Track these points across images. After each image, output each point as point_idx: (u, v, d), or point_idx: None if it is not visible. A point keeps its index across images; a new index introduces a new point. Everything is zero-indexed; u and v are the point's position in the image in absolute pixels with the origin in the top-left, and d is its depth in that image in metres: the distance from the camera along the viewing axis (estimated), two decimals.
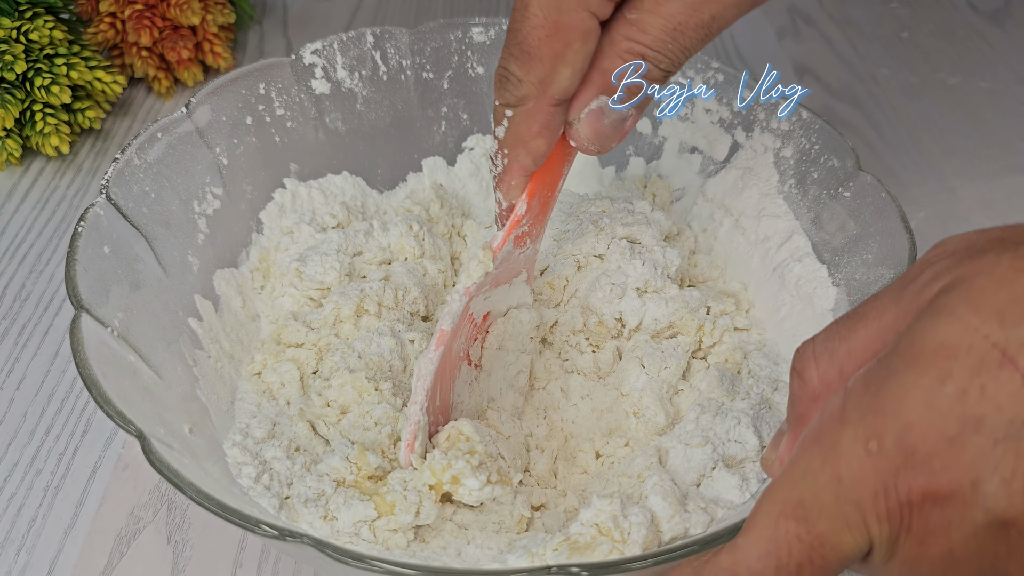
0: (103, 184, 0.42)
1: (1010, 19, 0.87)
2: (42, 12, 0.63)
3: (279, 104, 0.52)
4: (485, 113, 0.57)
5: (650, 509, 0.35)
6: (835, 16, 0.87)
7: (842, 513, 0.26)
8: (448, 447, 0.39)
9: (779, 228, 0.48)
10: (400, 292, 0.48)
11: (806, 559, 0.26)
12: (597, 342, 0.47)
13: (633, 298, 0.46)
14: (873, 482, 0.25)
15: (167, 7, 0.70)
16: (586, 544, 0.34)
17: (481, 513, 0.39)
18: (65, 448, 0.48)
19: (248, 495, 0.37)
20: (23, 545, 0.43)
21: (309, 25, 0.83)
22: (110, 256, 0.41)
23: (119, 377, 0.36)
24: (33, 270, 0.58)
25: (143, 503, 0.45)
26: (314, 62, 0.53)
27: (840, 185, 0.45)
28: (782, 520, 0.26)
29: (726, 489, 0.37)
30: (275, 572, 0.43)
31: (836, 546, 0.26)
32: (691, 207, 0.53)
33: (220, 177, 0.49)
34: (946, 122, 0.73)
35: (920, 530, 0.25)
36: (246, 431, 0.41)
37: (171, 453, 0.33)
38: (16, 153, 0.62)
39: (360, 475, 0.39)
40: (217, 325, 0.46)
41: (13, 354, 0.52)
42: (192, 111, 0.48)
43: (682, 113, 0.54)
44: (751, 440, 0.38)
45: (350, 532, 0.37)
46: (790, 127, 0.49)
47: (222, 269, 0.48)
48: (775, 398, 0.41)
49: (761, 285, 0.49)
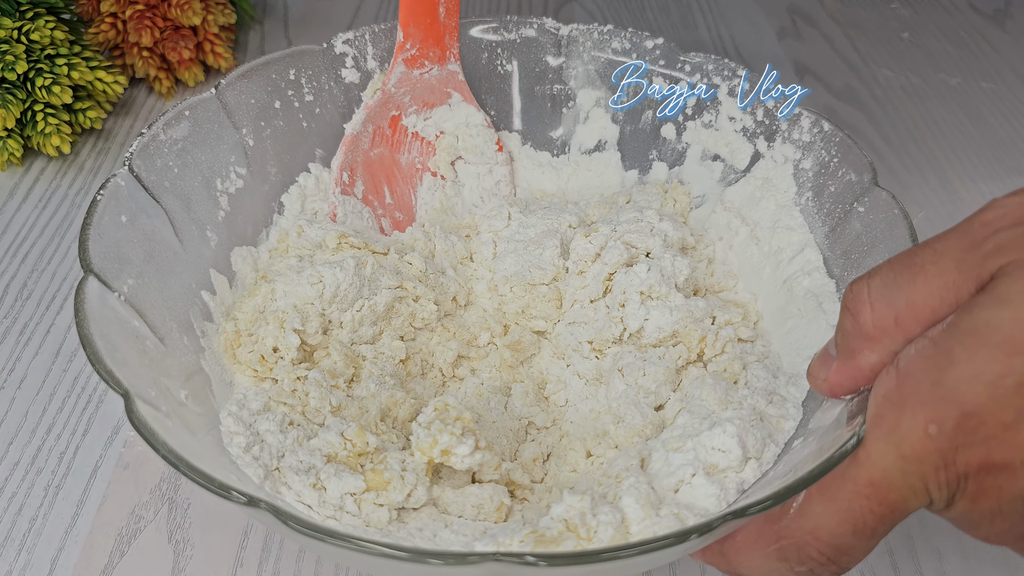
0: (127, 157, 0.44)
1: (1010, 19, 0.86)
2: (43, 12, 0.63)
3: (308, 90, 0.53)
4: (510, 109, 0.58)
5: (621, 510, 0.35)
6: (836, 16, 0.87)
7: (908, 484, 0.29)
8: (434, 418, 0.40)
9: (792, 241, 0.48)
10: None
11: (878, 523, 0.30)
12: (600, 347, 0.47)
13: (636, 303, 0.46)
14: (935, 459, 0.29)
15: (168, 7, 0.70)
16: (552, 539, 0.34)
17: (462, 496, 0.40)
18: (66, 447, 0.48)
19: (236, 464, 0.38)
20: (24, 544, 0.44)
21: (310, 25, 0.83)
22: (126, 225, 0.42)
23: (118, 339, 0.37)
24: (35, 269, 0.58)
25: (144, 502, 0.45)
26: (345, 51, 0.54)
27: (856, 200, 0.44)
28: (855, 497, 0.30)
29: (703, 497, 0.36)
30: (276, 571, 0.43)
31: (904, 510, 0.30)
32: (709, 215, 0.53)
33: (245, 157, 0.50)
34: (947, 123, 0.73)
35: (974, 491, 0.29)
36: (243, 402, 0.42)
37: (154, 415, 0.34)
38: (17, 153, 0.63)
39: (352, 451, 0.40)
40: (230, 300, 0.47)
41: (15, 353, 0.52)
42: (222, 92, 0.49)
43: (707, 120, 0.53)
44: (734, 451, 0.37)
45: (336, 503, 0.38)
46: (811, 139, 0.48)
47: (240, 247, 0.49)
48: (769, 411, 0.41)
49: (771, 297, 0.48)
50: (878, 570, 0.44)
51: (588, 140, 0.58)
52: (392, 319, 0.48)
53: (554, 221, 0.52)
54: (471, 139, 0.56)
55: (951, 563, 0.44)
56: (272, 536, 0.44)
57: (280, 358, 0.44)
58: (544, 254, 0.50)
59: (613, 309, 0.47)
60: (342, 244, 0.49)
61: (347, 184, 0.52)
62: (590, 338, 0.47)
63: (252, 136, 0.51)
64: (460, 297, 0.51)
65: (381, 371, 0.46)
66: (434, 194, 0.56)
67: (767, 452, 0.38)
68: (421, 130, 0.56)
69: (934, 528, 0.46)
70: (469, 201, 0.57)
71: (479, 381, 0.48)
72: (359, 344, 0.47)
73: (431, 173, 0.56)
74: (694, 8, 0.88)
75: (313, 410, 0.42)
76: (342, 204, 0.52)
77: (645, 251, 0.49)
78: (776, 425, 0.40)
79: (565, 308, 0.49)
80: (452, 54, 0.55)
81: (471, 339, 0.50)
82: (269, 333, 0.44)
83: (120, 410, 0.49)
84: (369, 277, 0.47)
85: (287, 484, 0.38)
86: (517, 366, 0.49)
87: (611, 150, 0.57)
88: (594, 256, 0.49)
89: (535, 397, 0.47)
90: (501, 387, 0.47)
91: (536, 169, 0.58)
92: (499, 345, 0.49)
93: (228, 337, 0.45)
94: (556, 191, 0.58)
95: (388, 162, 0.55)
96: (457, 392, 0.48)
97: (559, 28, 0.56)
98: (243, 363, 0.44)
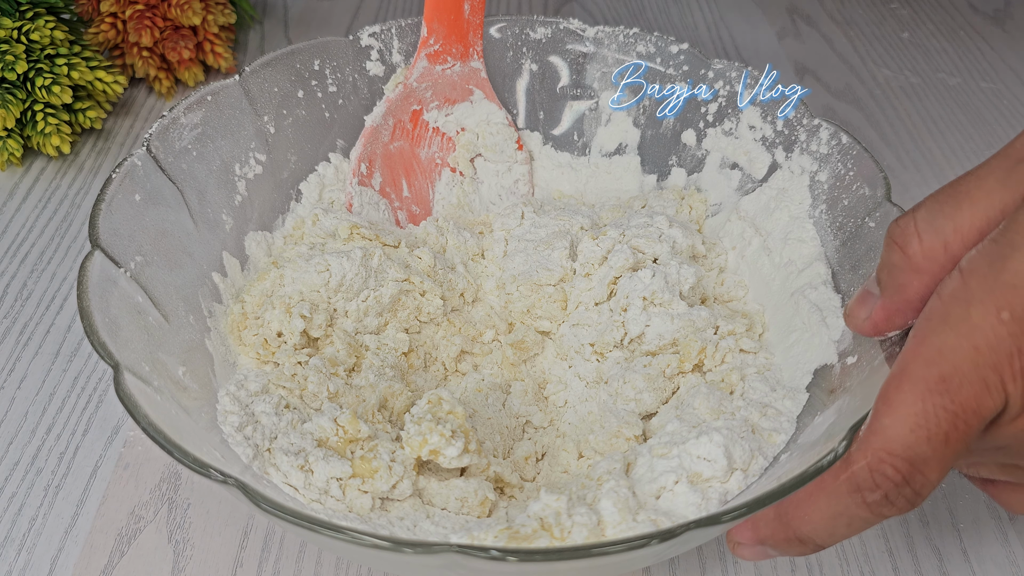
0: (146, 137, 0.45)
1: (1010, 19, 0.86)
2: (43, 12, 0.63)
3: (332, 81, 0.54)
4: (536, 110, 0.58)
5: (599, 512, 0.35)
6: (836, 16, 0.87)
7: (982, 378, 0.29)
8: (427, 411, 0.40)
9: (803, 253, 0.47)
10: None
11: (952, 427, 0.29)
12: (601, 350, 0.47)
13: (638, 308, 0.46)
14: (1008, 345, 0.28)
15: (168, 7, 0.70)
16: (525, 536, 0.34)
17: (447, 488, 0.40)
18: (66, 447, 0.48)
19: (226, 442, 0.39)
20: (24, 544, 0.44)
21: (310, 25, 0.83)
22: (140, 204, 0.43)
23: (118, 314, 0.38)
24: (34, 269, 0.58)
25: (144, 502, 0.45)
26: (371, 44, 0.55)
27: (867, 215, 0.44)
28: (927, 396, 0.29)
29: (684, 506, 0.36)
30: (275, 571, 0.43)
31: (977, 410, 0.29)
32: (724, 224, 0.53)
33: (265, 144, 0.51)
34: (947, 122, 0.73)
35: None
36: (242, 383, 0.42)
37: (143, 388, 0.35)
38: (17, 153, 0.63)
39: (344, 438, 0.40)
40: (241, 283, 0.48)
41: (14, 353, 0.52)
42: (245, 79, 0.50)
43: (727, 127, 0.53)
44: (720, 461, 0.37)
45: (321, 487, 0.38)
46: (829, 151, 0.47)
47: (255, 232, 0.50)
48: (762, 423, 0.40)
49: (778, 309, 0.47)
50: (878, 570, 0.44)
51: (609, 143, 0.58)
52: (398, 311, 0.49)
53: (566, 222, 0.52)
54: (491, 137, 0.56)
55: (951, 563, 0.44)
56: (272, 536, 0.44)
57: (283, 343, 0.45)
58: (553, 255, 0.50)
59: (616, 313, 0.47)
60: (353, 234, 0.49)
61: (365, 175, 0.53)
62: (592, 340, 0.47)
63: (273, 124, 0.52)
64: (468, 293, 0.51)
65: (382, 362, 0.46)
66: (452, 190, 0.57)
67: (754, 464, 0.38)
68: (442, 126, 0.56)
69: (934, 528, 0.46)
70: (487, 198, 0.57)
71: (480, 377, 0.48)
72: (363, 334, 0.48)
73: (450, 169, 0.57)
74: (694, 8, 0.88)
75: (311, 395, 0.43)
76: (359, 195, 0.53)
77: (652, 257, 0.48)
78: (767, 438, 0.40)
79: (570, 309, 0.49)
80: (475, 51, 0.55)
81: (476, 335, 0.50)
82: (275, 317, 0.45)
83: (120, 411, 0.49)
84: (376, 268, 0.48)
85: (276, 465, 0.39)
86: (519, 364, 0.49)
87: (631, 154, 0.57)
88: (601, 259, 0.49)
89: (534, 396, 0.47)
90: (501, 384, 0.48)
91: (555, 170, 0.59)
92: (503, 343, 0.49)
93: (235, 319, 0.46)
94: (574, 193, 0.58)
95: (407, 156, 0.55)
96: (457, 387, 0.48)
97: (585, 29, 0.56)
98: (248, 345, 0.45)
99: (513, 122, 0.57)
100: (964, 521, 0.46)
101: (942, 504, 0.47)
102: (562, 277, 0.50)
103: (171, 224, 0.44)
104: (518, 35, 0.57)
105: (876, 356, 0.37)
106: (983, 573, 0.44)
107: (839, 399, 0.38)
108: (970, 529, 0.46)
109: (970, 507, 0.47)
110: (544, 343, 0.50)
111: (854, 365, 0.39)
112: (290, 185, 0.53)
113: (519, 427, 0.46)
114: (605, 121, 0.57)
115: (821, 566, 0.44)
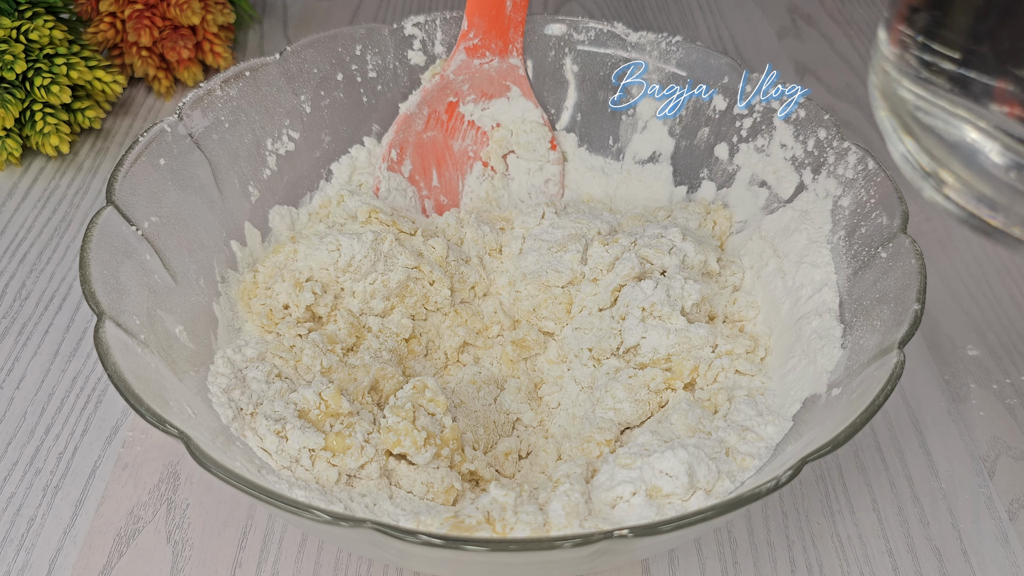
0: (179, 107, 0.46)
1: None
2: (42, 12, 0.63)
3: (372, 67, 0.55)
4: (571, 110, 0.59)
5: (547, 514, 0.35)
6: (836, 16, 0.87)
7: None
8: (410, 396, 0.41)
9: (815, 278, 0.46)
10: None
11: None
12: (599, 356, 0.47)
13: (636, 319, 0.46)
14: None
15: (167, 7, 0.70)
16: (469, 527, 0.34)
17: (415, 472, 0.41)
18: (65, 447, 0.48)
19: (210, 401, 0.40)
20: (22, 544, 0.43)
21: (309, 25, 0.83)
22: (163, 167, 0.45)
23: (119, 267, 0.39)
24: (33, 269, 0.58)
25: (143, 503, 0.45)
26: (414, 34, 0.56)
27: (881, 245, 0.43)
28: None
29: (636, 519, 0.36)
30: (275, 572, 0.43)
31: None
32: (746, 242, 0.52)
33: (300, 123, 0.53)
34: None
35: None
36: (240, 348, 0.44)
37: (124, 339, 0.36)
38: (16, 153, 0.62)
39: (324, 411, 0.41)
40: (260, 253, 0.50)
41: (13, 353, 0.52)
42: (286, 58, 0.51)
43: (760, 144, 0.52)
44: (681, 478, 0.36)
45: (293, 455, 0.39)
46: (855, 175, 0.46)
47: (281, 206, 0.52)
48: (739, 446, 0.39)
49: (783, 333, 0.46)
50: (878, 570, 0.44)
51: (643, 150, 0.57)
52: (405, 297, 0.49)
53: (584, 226, 0.51)
54: (525, 134, 0.57)
55: (951, 563, 0.44)
56: (271, 537, 0.44)
57: (288, 315, 0.46)
58: (565, 257, 0.50)
59: (616, 321, 0.47)
60: (372, 218, 0.50)
61: (395, 161, 0.54)
62: (591, 346, 0.47)
63: (310, 104, 0.53)
64: (480, 287, 0.52)
65: (380, 345, 0.47)
66: (482, 184, 0.57)
67: (720, 486, 0.37)
68: (478, 119, 0.57)
69: (934, 528, 0.46)
70: (516, 195, 0.58)
71: (477, 370, 0.48)
72: (368, 316, 0.49)
73: (482, 163, 0.57)
74: (694, 8, 0.88)
75: (304, 367, 0.44)
76: (386, 180, 0.54)
77: (660, 268, 0.48)
78: (740, 463, 0.39)
79: (574, 313, 0.49)
80: (515, 48, 0.55)
81: (482, 329, 0.50)
82: (283, 290, 0.47)
83: (119, 411, 0.49)
84: (386, 253, 0.49)
85: (254, 429, 0.40)
86: (518, 362, 0.49)
87: (664, 163, 0.56)
88: (609, 265, 0.48)
89: (528, 395, 0.47)
90: (497, 379, 0.48)
91: (587, 173, 0.58)
92: (506, 339, 0.49)
93: (246, 287, 0.48)
94: (604, 197, 0.58)
95: (440, 146, 0.56)
96: (452, 377, 0.48)
97: (628, 34, 0.55)
98: (255, 313, 0.47)
99: (549, 121, 0.57)
100: (964, 521, 0.46)
101: (942, 504, 0.47)
102: (571, 280, 0.49)
103: (194, 191, 0.46)
104: (561, 36, 0.57)
105: (855, 390, 0.36)
106: (983, 573, 0.44)
107: (813, 430, 0.37)
108: (970, 529, 0.45)
109: (970, 507, 0.46)
110: (547, 344, 0.50)
111: (836, 397, 0.38)
112: (322, 164, 0.54)
113: (508, 424, 0.46)
114: (641, 128, 0.57)
115: (821, 566, 0.44)
